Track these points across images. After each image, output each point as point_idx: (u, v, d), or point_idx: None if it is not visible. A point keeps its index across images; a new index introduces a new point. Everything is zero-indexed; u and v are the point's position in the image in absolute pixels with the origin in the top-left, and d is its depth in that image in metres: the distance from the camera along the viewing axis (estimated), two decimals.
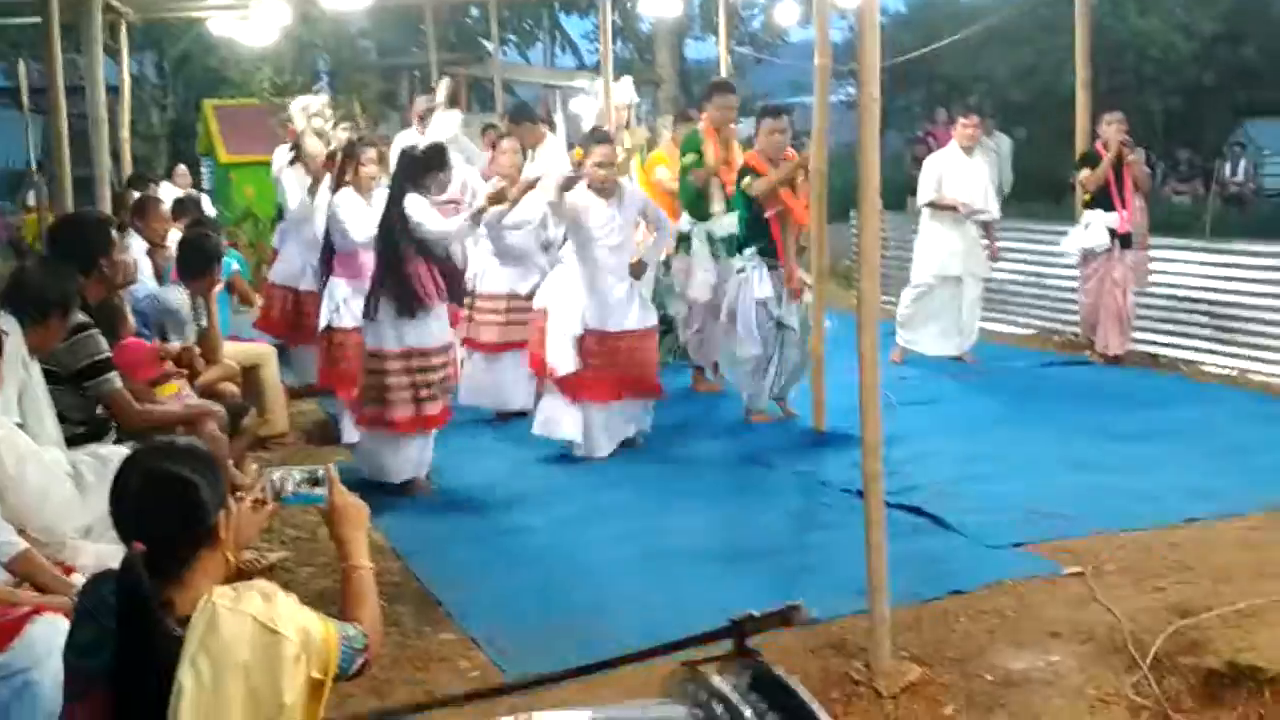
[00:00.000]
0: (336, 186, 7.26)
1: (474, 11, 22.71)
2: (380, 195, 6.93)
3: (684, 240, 8.44)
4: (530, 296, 7.78)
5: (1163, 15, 20.84)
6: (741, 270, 7.76)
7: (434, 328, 6.49)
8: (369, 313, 6.45)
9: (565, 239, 7.40)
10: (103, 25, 9.69)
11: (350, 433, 7.32)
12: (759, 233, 7.65)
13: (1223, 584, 4.86)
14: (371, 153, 7.29)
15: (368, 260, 7.18)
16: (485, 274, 8.02)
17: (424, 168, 6.50)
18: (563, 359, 7.06)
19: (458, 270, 6.92)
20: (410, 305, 6.33)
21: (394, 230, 6.39)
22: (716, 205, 8.30)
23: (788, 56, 23.01)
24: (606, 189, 7.13)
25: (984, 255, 9.61)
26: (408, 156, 6.59)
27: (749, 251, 7.72)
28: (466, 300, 7.77)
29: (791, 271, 7.61)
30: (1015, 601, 4.81)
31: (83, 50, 9.21)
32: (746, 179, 7.61)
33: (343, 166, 7.27)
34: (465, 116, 10.33)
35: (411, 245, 6.36)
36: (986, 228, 9.60)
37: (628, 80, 9.64)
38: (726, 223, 8.14)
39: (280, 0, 12.72)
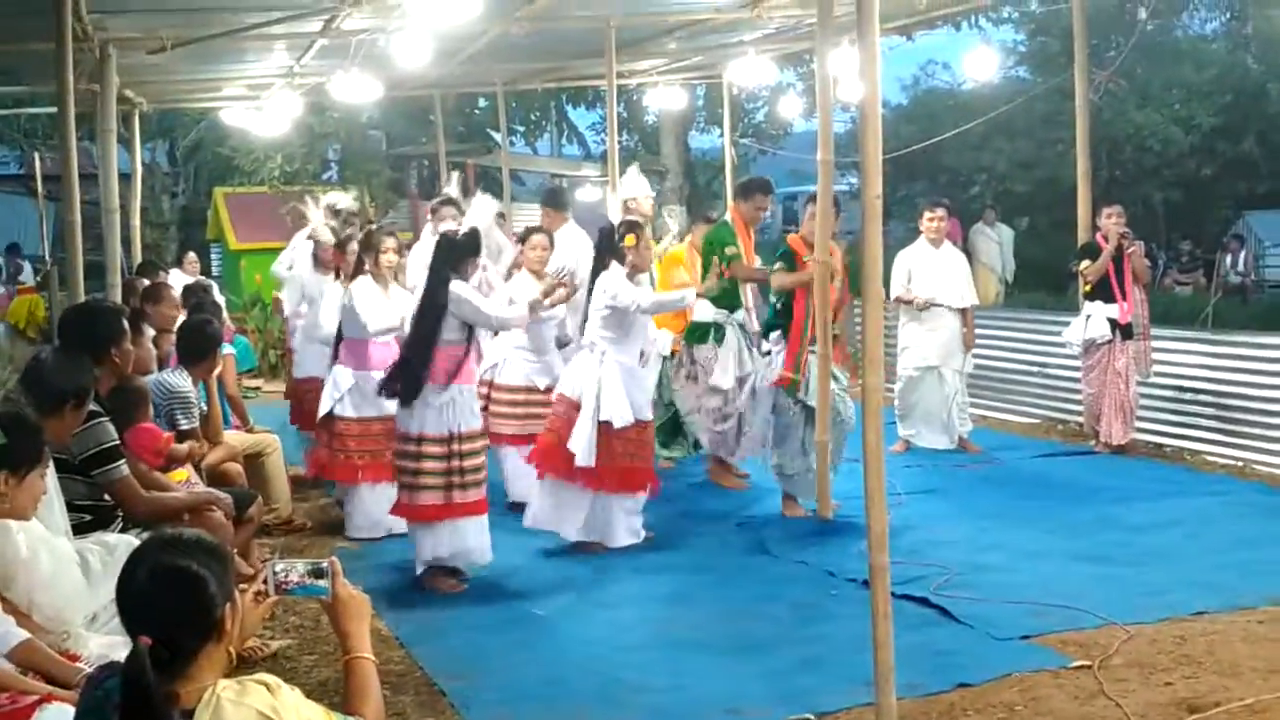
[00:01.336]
0: (353, 275, 7.31)
1: (482, 103, 23.08)
2: (395, 286, 7.07)
3: (713, 329, 8.44)
4: (548, 390, 7.72)
5: (1161, 109, 21.13)
6: (767, 354, 7.85)
7: (476, 409, 6.56)
8: (406, 396, 6.34)
9: (583, 328, 7.35)
10: (117, 114, 9.87)
11: (357, 522, 7.36)
12: (787, 317, 7.71)
13: (1231, 679, 4.83)
14: (391, 242, 7.35)
15: (375, 350, 7.24)
16: (505, 365, 8.00)
17: (465, 253, 6.51)
18: (586, 449, 6.91)
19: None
20: (445, 387, 6.31)
21: (436, 314, 6.34)
22: (749, 299, 8.44)
23: (791, 148, 23.35)
24: (638, 275, 7.23)
25: (961, 347, 9.70)
26: (449, 241, 6.57)
27: (775, 335, 7.79)
28: (482, 392, 7.70)
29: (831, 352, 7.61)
30: (1022, 696, 4.77)
31: (96, 139, 9.41)
32: (778, 266, 7.73)
33: (360, 256, 7.34)
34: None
35: (454, 329, 6.35)
36: (964, 316, 9.68)
37: (633, 170, 9.67)
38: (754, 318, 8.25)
39: (292, 92, 12.98)
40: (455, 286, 6.36)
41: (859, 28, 4.31)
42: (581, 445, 6.88)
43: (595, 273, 7.16)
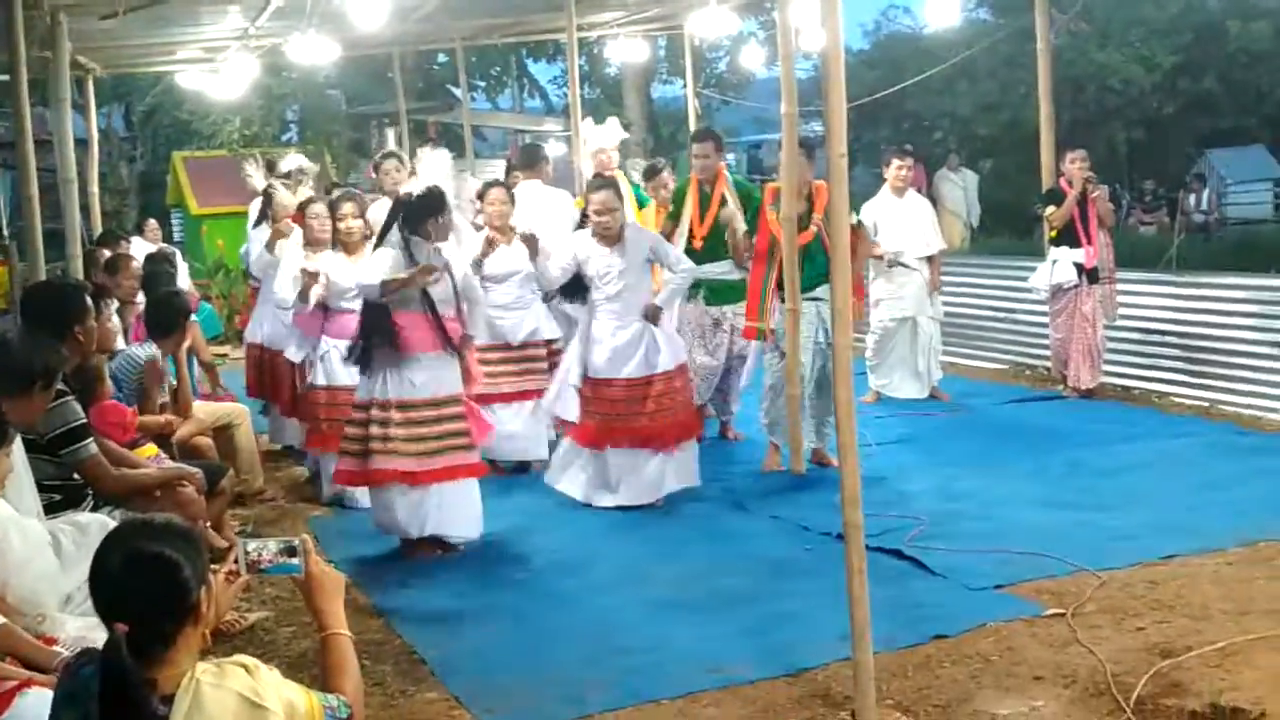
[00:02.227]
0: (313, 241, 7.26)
1: (441, 59, 22.86)
2: (368, 250, 6.88)
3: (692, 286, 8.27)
4: (524, 345, 7.78)
5: (1122, 48, 21.15)
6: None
7: (423, 379, 6.21)
8: (362, 364, 6.26)
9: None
10: (71, 80, 9.71)
11: (327, 489, 7.33)
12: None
13: (1202, 622, 4.89)
14: (349, 207, 7.20)
15: (348, 320, 7.05)
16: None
17: (423, 213, 6.17)
18: (567, 406, 7.02)
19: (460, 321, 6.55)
20: (396, 354, 6.16)
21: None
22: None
23: (753, 97, 23.25)
24: (609, 235, 7.05)
25: (935, 295, 9.73)
26: (403, 202, 6.26)
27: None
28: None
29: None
30: (998, 645, 4.82)
31: (50, 105, 9.24)
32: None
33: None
34: None
35: (410, 295, 6.16)
36: (931, 262, 9.69)
37: (614, 122, 9.45)
38: (710, 269, 8.13)
39: (248, 54, 12.80)
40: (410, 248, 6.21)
41: None
42: (560, 402, 6.97)
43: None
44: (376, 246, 6.40)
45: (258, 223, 8.98)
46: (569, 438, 7.21)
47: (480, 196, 7.91)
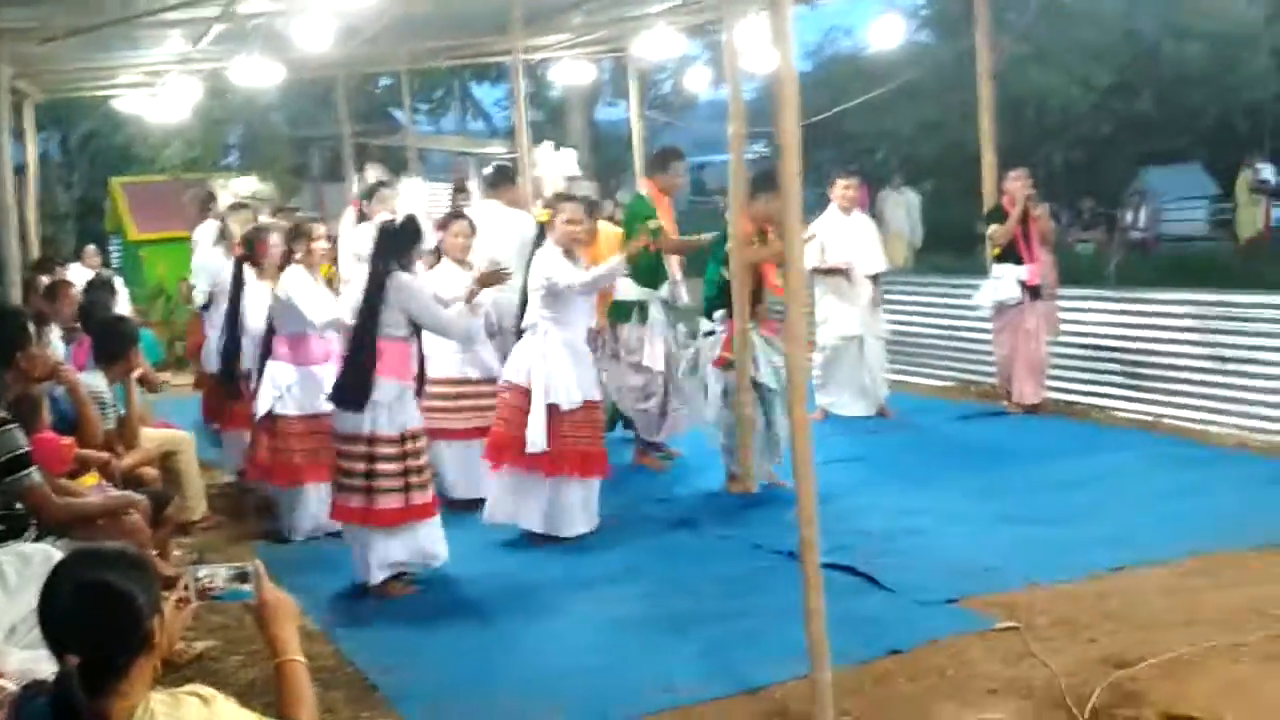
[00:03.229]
0: (281, 266, 7.14)
1: (384, 81, 22.78)
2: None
3: (636, 308, 8.25)
4: (479, 382, 7.56)
5: (1061, 69, 21.46)
6: (710, 334, 7.68)
7: (415, 408, 6.18)
8: (356, 398, 5.97)
9: (521, 316, 7.13)
10: (9, 105, 9.59)
11: (302, 524, 7.14)
12: (727, 295, 7.55)
13: (1154, 632, 4.94)
14: (322, 230, 7.11)
15: (316, 344, 7.03)
16: (434, 358, 7.27)
17: (407, 242, 6.14)
18: (539, 435, 6.73)
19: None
20: (395, 385, 6.02)
21: (376, 309, 6.01)
22: (676, 272, 8.26)
23: (697, 118, 23.36)
24: (573, 251, 6.93)
25: (878, 313, 9.80)
26: (388, 232, 6.15)
27: (719, 314, 7.63)
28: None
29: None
30: (953, 659, 4.84)
31: None
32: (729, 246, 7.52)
33: (290, 247, 7.15)
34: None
35: (399, 324, 6.05)
36: (874, 281, 9.77)
37: (571, 152, 9.33)
38: (682, 290, 8.13)
39: (189, 77, 12.69)
40: (403, 279, 6.05)
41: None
42: (534, 431, 6.71)
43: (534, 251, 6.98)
44: (373, 274, 6.11)
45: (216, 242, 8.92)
46: (521, 469, 6.85)
47: (442, 226, 7.64)
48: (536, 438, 6.70)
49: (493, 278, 6.85)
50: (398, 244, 6.11)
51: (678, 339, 8.31)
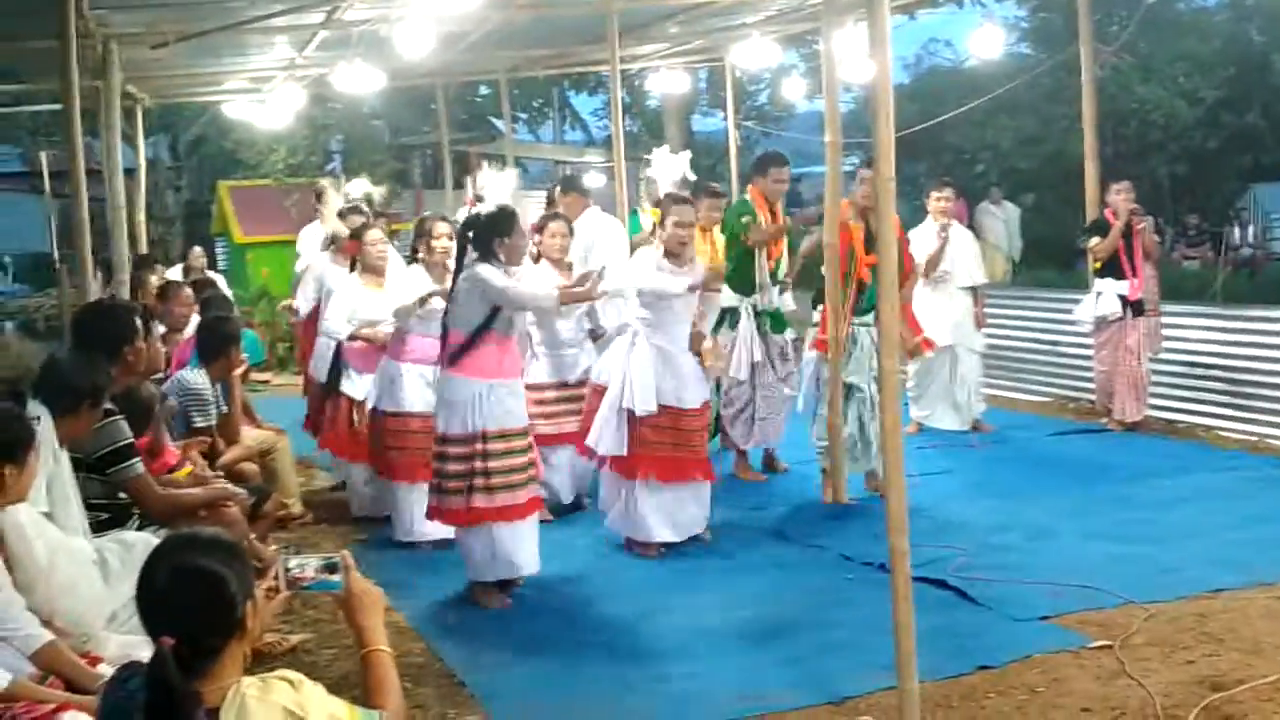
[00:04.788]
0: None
1: (484, 90, 23.04)
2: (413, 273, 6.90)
3: (728, 315, 8.11)
4: (579, 384, 7.49)
5: (1165, 83, 21.00)
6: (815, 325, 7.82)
7: (516, 407, 6.02)
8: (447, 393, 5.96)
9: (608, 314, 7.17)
10: (119, 110, 9.85)
11: (414, 526, 6.97)
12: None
13: (1253, 656, 4.81)
14: (444, 227, 6.95)
15: (423, 343, 6.90)
16: (531, 364, 7.46)
17: (492, 233, 5.95)
18: (612, 438, 6.69)
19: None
20: (469, 382, 5.89)
21: (461, 303, 5.95)
22: (762, 276, 8.09)
23: (794, 129, 23.29)
24: (683, 255, 6.76)
25: (974, 326, 9.67)
26: (473, 223, 6.06)
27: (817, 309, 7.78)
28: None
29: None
30: (1044, 677, 4.76)
31: (100, 135, 9.38)
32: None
33: (414, 244, 7.15)
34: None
35: (489, 318, 5.94)
36: (975, 295, 9.63)
37: (685, 155, 8.97)
38: (775, 299, 8.09)
39: (294, 84, 12.96)
40: (477, 270, 5.89)
41: (868, 7, 4.27)
42: (603, 433, 6.68)
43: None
44: (456, 270, 6.14)
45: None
46: (630, 473, 6.75)
47: (540, 229, 7.61)
48: (609, 441, 6.68)
49: (584, 281, 6.48)
50: (482, 235, 5.98)
51: (774, 347, 8.19)
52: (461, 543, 6.12)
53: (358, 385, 7.61)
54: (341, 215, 8.93)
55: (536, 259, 7.52)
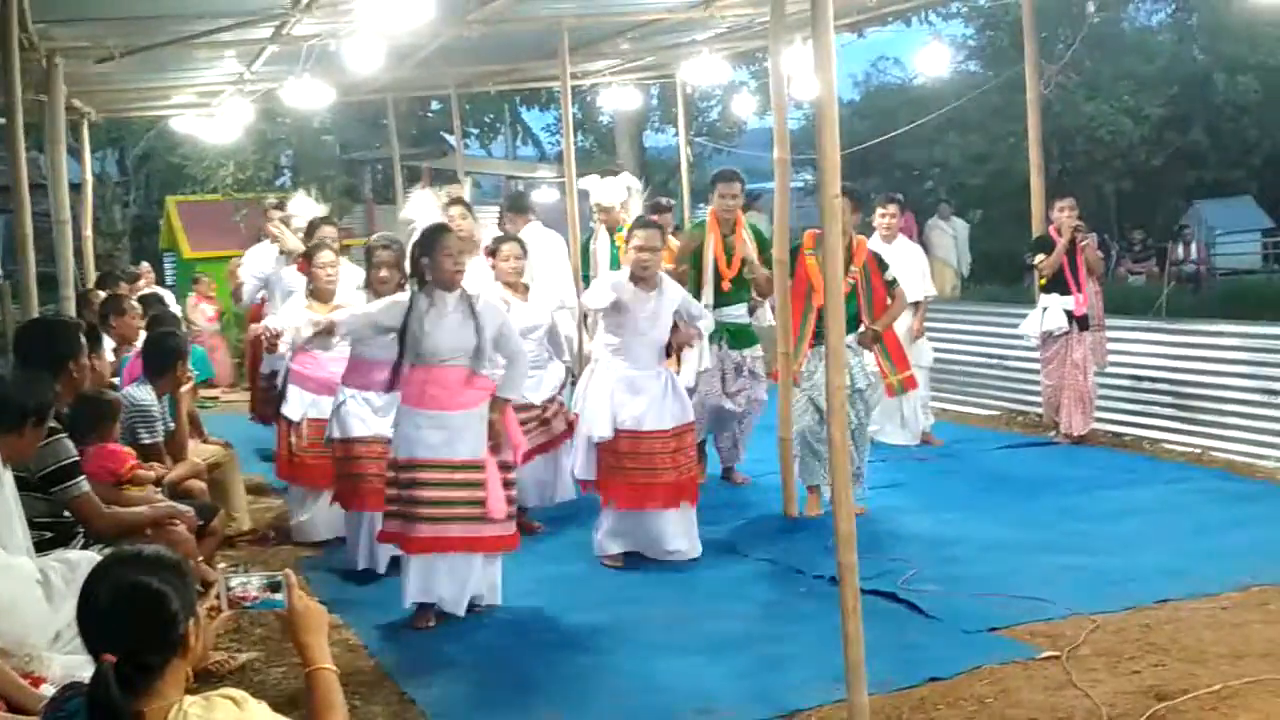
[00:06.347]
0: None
1: (435, 105, 22.97)
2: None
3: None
4: (544, 405, 7.46)
5: (1111, 100, 21.33)
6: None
7: (448, 440, 5.81)
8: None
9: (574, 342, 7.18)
10: (65, 125, 9.75)
11: (357, 555, 6.84)
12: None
13: (1198, 666, 4.87)
14: (387, 255, 6.72)
15: (368, 368, 6.73)
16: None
17: (417, 254, 5.91)
18: (581, 465, 6.80)
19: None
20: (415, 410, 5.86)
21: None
22: (706, 296, 8.00)
23: (745, 145, 23.39)
24: (649, 278, 6.72)
25: (924, 343, 9.74)
26: (414, 246, 6.04)
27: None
28: None
29: None
30: (993, 688, 4.79)
31: (45, 149, 9.27)
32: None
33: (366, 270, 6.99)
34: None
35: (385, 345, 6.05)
36: (915, 308, 9.70)
37: (626, 176, 9.02)
38: (730, 312, 8.08)
39: (243, 98, 12.88)
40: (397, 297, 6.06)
41: (813, 25, 4.30)
42: (578, 459, 6.85)
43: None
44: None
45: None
46: (603, 497, 6.82)
47: (492, 253, 7.47)
48: (580, 466, 6.86)
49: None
50: (412, 258, 6.00)
51: (729, 361, 8.13)
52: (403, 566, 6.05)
53: (293, 404, 7.39)
54: (314, 225, 8.77)
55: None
